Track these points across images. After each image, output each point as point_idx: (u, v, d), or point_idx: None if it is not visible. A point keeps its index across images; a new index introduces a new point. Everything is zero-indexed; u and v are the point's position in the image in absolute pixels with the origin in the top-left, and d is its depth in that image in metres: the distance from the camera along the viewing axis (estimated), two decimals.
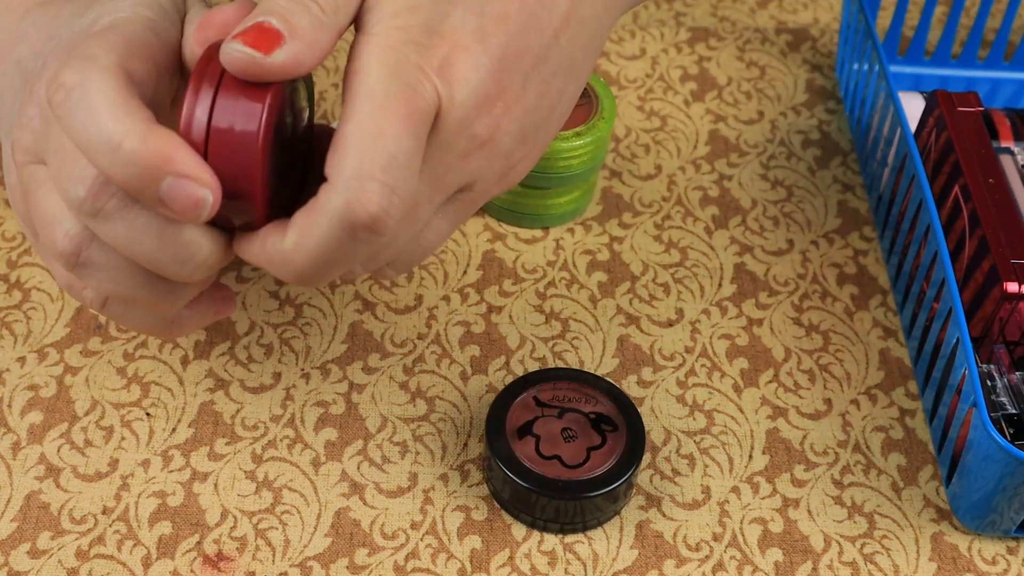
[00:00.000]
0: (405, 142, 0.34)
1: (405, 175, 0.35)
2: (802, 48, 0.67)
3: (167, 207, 0.34)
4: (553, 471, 0.44)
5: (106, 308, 0.40)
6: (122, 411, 0.47)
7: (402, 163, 0.34)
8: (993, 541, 0.46)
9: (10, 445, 0.46)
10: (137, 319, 0.40)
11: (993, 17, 0.70)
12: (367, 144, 0.34)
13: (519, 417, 0.46)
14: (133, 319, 0.40)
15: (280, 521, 0.45)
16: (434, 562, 0.44)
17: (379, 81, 0.34)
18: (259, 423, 0.47)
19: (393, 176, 0.34)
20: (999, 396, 0.47)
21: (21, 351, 0.49)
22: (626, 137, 0.60)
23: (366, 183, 0.34)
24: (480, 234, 0.55)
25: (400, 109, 0.34)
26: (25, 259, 0.52)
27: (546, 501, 0.43)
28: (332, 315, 0.51)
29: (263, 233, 0.36)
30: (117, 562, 0.43)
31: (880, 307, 0.54)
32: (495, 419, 0.45)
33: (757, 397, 0.50)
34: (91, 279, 0.37)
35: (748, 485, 0.47)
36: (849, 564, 0.45)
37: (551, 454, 0.45)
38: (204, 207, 0.34)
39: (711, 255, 0.55)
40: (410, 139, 0.35)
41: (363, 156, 0.34)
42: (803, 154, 0.61)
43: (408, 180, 0.35)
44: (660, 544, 0.45)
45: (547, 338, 0.51)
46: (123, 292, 0.37)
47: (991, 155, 0.51)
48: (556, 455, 0.45)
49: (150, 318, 0.40)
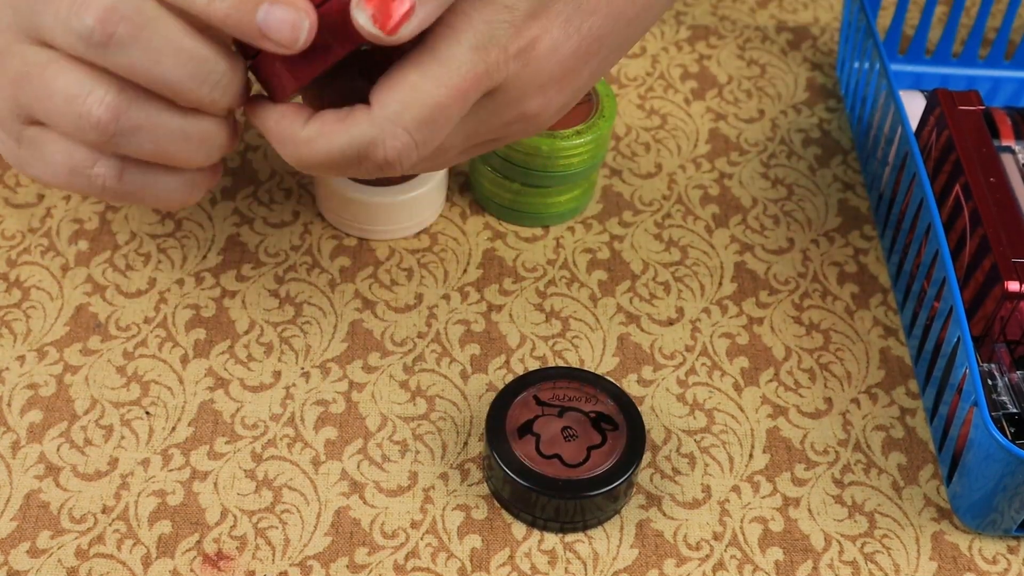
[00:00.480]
0: (453, 111, 0.36)
1: (436, 136, 0.37)
2: (803, 47, 0.67)
3: (267, 36, 0.34)
4: (553, 470, 0.44)
5: (123, 180, 0.39)
6: (122, 410, 0.47)
7: (439, 127, 0.36)
8: (994, 540, 0.46)
9: (10, 444, 0.46)
10: (159, 186, 0.40)
11: (993, 16, 0.70)
12: (418, 99, 0.36)
13: (519, 416, 0.46)
14: (154, 187, 0.40)
15: (280, 520, 0.45)
16: (434, 561, 0.44)
17: (463, 51, 0.36)
18: (259, 422, 0.47)
19: (424, 135, 0.36)
20: (1000, 395, 0.47)
21: (20, 350, 0.49)
22: (626, 136, 0.60)
23: (399, 130, 0.36)
24: (480, 232, 0.55)
25: (466, 85, 0.36)
26: (24, 258, 0.52)
27: (546, 500, 0.43)
28: (332, 314, 0.51)
29: (283, 108, 0.37)
30: (117, 561, 0.43)
31: (881, 306, 0.54)
32: (495, 418, 0.45)
33: (757, 396, 0.50)
34: (129, 143, 0.37)
35: (748, 484, 0.47)
36: (849, 563, 0.45)
37: (551, 453, 0.45)
38: (302, 31, 0.34)
39: (711, 254, 0.55)
40: (458, 110, 0.36)
41: (408, 106, 0.36)
42: (804, 153, 0.60)
43: (437, 140, 0.37)
44: (660, 543, 0.45)
45: (547, 337, 0.51)
46: (159, 148, 0.37)
47: (992, 154, 0.51)
48: (556, 454, 0.45)
49: (172, 182, 0.40)
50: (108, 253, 0.53)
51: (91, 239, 0.53)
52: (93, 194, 0.40)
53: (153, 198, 0.40)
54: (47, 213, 0.54)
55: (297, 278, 0.52)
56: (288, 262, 0.53)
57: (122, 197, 0.40)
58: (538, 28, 0.37)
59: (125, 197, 0.40)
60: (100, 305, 0.51)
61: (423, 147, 0.37)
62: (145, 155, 0.37)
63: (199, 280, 0.52)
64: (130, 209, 0.54)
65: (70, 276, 0.52)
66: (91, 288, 0.51)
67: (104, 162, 0.38)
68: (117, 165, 0.38)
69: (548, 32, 0.38)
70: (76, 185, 0.39)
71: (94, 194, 0.39)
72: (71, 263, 0.52)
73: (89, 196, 0.41)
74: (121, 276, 0.52)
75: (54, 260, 0.52)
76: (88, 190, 0.39)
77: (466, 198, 0.56)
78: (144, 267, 0.52)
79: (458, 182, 0.57)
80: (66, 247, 0.53)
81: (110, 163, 0.38)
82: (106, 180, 0.38)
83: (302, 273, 0.53)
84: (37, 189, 0.55)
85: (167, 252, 0.53)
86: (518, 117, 0.39)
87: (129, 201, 0.40)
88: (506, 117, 0.39)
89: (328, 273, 0.53)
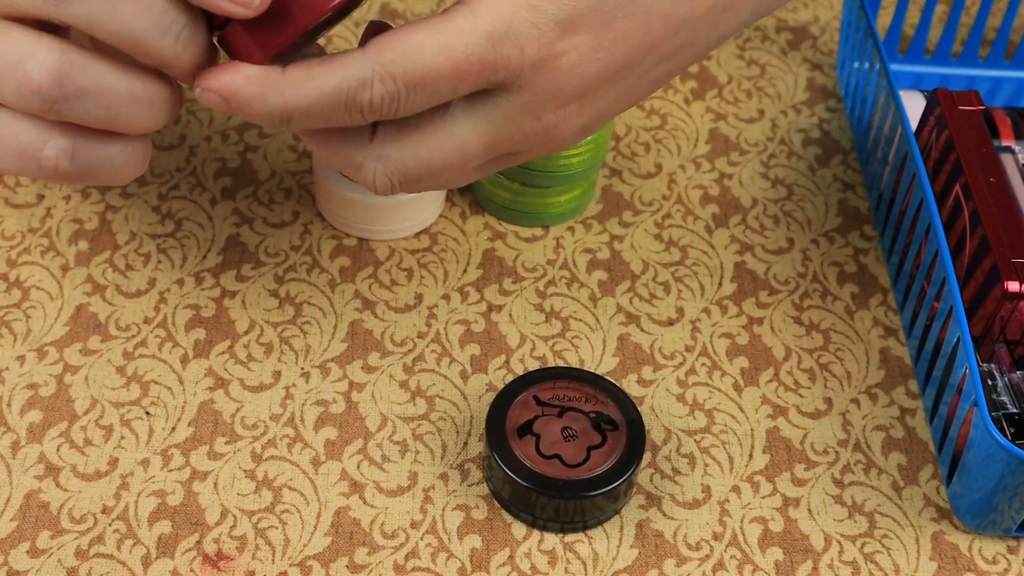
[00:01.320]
0: (444, 86, 0.36)
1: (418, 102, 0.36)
2: (802, 46, 0.67)
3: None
4: (553, 470, 0.44)
5: (75, 159, 0.37)
6: (121, 410, 0.47)
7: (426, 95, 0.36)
8: (994, 540, 0.46)
9: (9, 444, 0.46)
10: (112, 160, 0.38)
11: (994, 16, 0.70)
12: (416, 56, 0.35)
13: (519, 416, 0.46)
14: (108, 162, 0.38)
15: (280, 520, 0.45)
16: (434, 561, 0.44)
17: (477, 34, 0.36)
18: (259, 422, 0.47)
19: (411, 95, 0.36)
20: (1000, 395, 0.47)
21: (20, 350, 0.49)
22: (626, 136, 0.60)
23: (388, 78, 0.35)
24: (480, 232, 0.55)
25: (467, 66, 0.36)
26: (24, 258, 0.52)
27: (546, 500, 0.43)
28: (332, 314, 0.51)
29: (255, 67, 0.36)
30: (117, 561, 0.43)
31: (880, 306, 0.54)
32: (495, 418, 0.45)
33: (757, 396, 0.50)
34: (74, 109, 0.35)
35: (748, 484, 0.47)
36: (849, 563, 0.45)
37: (551, 453, 0.45)
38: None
39: (711, 254, 0.55)
40: (450, 89, 0.36)
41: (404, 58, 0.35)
42: (803, 153, 0.60)
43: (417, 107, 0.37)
44: (660, 543, 0.45)
45: (547, 337, 0.51)
46: (108, 113, 0.36)
47: (992, 154, 0.51)
48: (556, 454, 0.45)
49: (123, 154, 0.38)
50: (108, 253, 0.53)
51: (91, 239, 0.53)
52: (44, 178, 0.38)
53: (108, 174, 0.39)
54: (47, 213, 0.54)
55: (297, 278, 0.52)
56: (288, 262, 0.53)
57: (75, 178, 0.38)
58: (565, 44, 0.37)
59: (78, 177, 0.38)
60: (100, 305, 0.51)
61: (404, 107, 0.36)
62: (92, 121, 0.36)
63: (199, 280, 0.52)
64: (130, 209, 0.54)
65: (70, 276, 0.52)
66: (91, 288, 0.51)
67: (54, 143, 0.37)
68: (68, 144, 0.37)
69: (575, 49, 0.37)
70: (27, 169, 0.37)
71: (45, 177, 0.38)
72: (71, 263, 0.52)
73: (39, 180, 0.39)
74: (121, 276, 0.52)
75: (54, 260, 0.52)
76: (39, 174, 0.38)
77: (466, 198, 0.56)
78: (144, 267, 0.52)
79: None
80: (66, 247, 0.53)
81: (61, 142, 0.37)
82: (58, 161, 0.37)
83: (302, 273, 0.53)
84: (37, 189, 0.55)
85: (167, 252, 0.53)
86: (535, 129, 0.39)
87: (81, 181, 0.39)
88: (524, 125, 0.38)
89: (328, 273, 0.53)
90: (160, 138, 0.57)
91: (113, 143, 0.38)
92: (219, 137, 0.58)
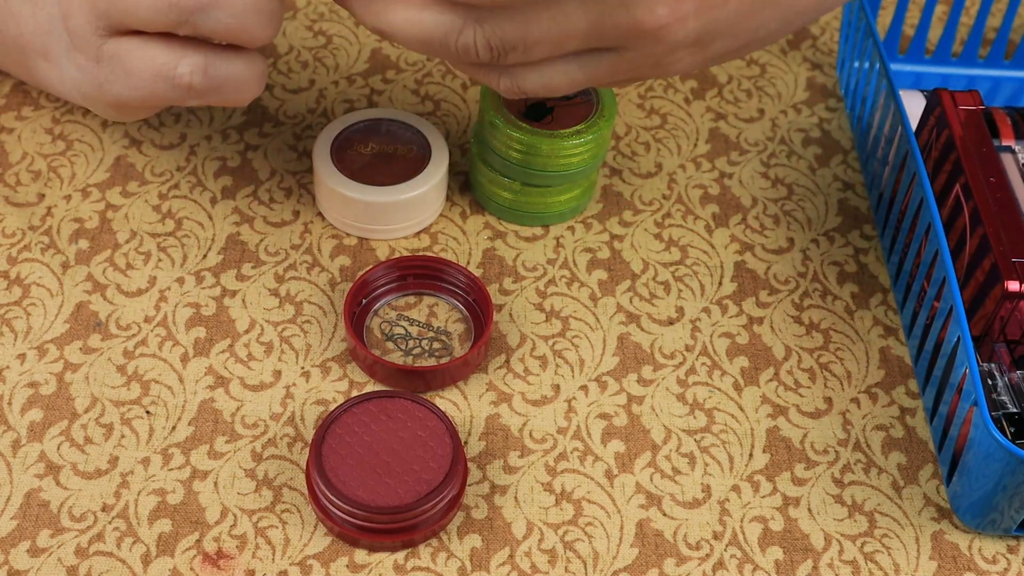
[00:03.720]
0: None
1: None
2: (802, 46, 0.67)
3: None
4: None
5: (208, 73, 0.40)
6: (122, 409, 0.47)
7: None
8: (993, 540, 0.46)
9: (10, 443, 0.46)
10: (240, 72, 0.41)
11: (993, 16, 0.70)
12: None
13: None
14: (236, 75, 0.41)
15: (280, 519, 0.45)
16: (434, 561, 0.44)
17: None
18: (259, 421, 0.47)
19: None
20: (1000, 395, 0.47)
21: (21, 348, 0.49)
22: (626, 135, 0.60)
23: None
24: (480, 232, 0.55)
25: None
26: (25, 255, 0.52)
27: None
28: (332, 313, 0.51)
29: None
30: (117, 559, 0.43)
31: (880, 305, 0.54)
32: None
33: (757, 396, 0.50)
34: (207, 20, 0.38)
35: (748, 484, 0.47)
36: (849, 563, 0.45)
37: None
38: None
39: (711, 253, 0.55)
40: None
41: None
42: (804, 152, 0.60)
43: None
44: (660, 543, 0.45)
45: (547, 336, 0.51)
46: (239, 22, 0.39)
47: (992, 153, 0.51)
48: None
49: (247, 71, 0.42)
50: (108, 252, 0.53)
51: (91, 237, 0.53)
52: (175, 98, 0.41)
53: (233, 90, 0.41)
54: (48, 212, 0.54)
55: (297, 277, 0.52)
56: (288, 261, 0.53)
57: (204, 94, 0.41)
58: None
59: (208, 93, 0.41)
60: (100, 304, 0.51)
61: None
62: (222, 31, 0.39)
63: (199, 279, 0.52)
64: (131, 208, 0.54)
65: (70, 274, 0.52)
66: (91, 287, 0.51)
67: (188, 60, 0.40)
68: (200, 60, 0.40)
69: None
70: (159, 91, 0.40)
71: (177, 98, 0.41)
72: (71, 261, 0.52)
73: (170, 104, 0.42)
74: (121, 275, 0.52)
75: (54, 258, 0.52)
76: (171, 93, 0.40)
77: (466, 198, 0.56)
78: (144, 266, 0.52)
79: (458, 182, 0.57)
80: (66, 245, 0.53)
81: (194, 58, 0.40)
82: (192, 77, 0.40)
83: (302, 272, 0.53)
84: (37, 188, 0.55)
85: (167, 251, 0.53)
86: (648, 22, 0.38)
87: (209, 98, 0.41)
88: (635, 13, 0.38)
89: (328, 272, 0.53)
90: (160, 137, 0.57)
91: (238, 58, 0.41)
92: (219, 136, 0.58)
